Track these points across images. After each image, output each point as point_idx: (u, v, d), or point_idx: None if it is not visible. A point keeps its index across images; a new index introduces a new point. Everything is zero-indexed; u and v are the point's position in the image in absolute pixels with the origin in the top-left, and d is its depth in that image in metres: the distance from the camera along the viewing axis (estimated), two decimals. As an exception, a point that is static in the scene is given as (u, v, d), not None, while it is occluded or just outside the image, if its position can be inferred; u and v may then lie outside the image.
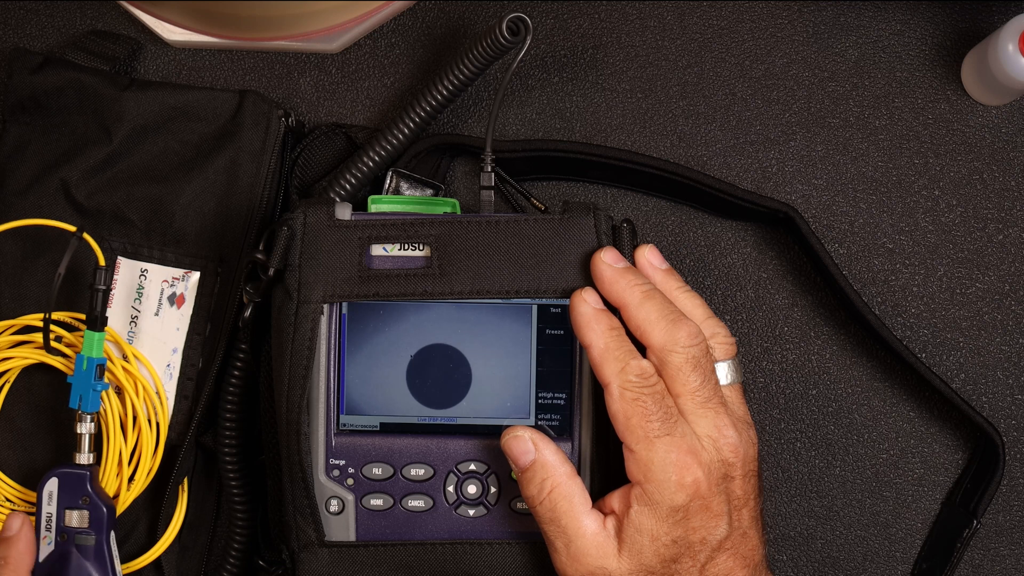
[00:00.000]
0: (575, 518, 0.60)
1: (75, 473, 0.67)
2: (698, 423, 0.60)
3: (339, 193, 0.72)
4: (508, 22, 0.67)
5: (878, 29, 0.76)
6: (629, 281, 0.62)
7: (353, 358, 0.65)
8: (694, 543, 0.60)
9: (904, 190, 0.76)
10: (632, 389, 0.59)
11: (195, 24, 0.76)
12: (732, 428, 0.61)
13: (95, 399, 0.67)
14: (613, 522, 0.61)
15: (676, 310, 0.61)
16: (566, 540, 0.61)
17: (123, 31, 0.77)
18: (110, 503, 0.67)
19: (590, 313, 0.61)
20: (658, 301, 0.61)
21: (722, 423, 0.61)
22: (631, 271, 0.62)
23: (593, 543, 0.60)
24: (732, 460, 0.61)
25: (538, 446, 0.61)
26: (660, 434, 0.59)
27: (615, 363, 0.60)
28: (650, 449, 0.59)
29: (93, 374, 0.67)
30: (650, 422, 0.59)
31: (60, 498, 0.66)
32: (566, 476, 0.61)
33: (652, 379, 0.60)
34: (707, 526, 0.60)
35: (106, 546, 0.66)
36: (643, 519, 0.59)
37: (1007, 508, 0.75)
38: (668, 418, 0.59)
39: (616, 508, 0.61)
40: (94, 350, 0.67)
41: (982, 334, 0.75)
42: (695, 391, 0.60)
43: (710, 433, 0.60)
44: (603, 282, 0.62)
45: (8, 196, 0.73)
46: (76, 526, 0.66)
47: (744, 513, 0.61)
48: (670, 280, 0.65)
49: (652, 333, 0.61)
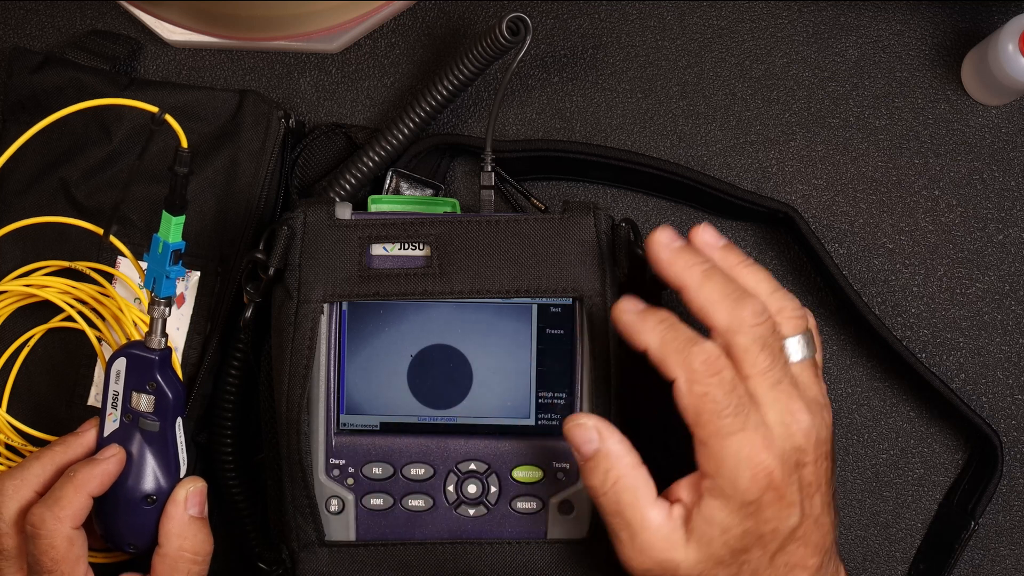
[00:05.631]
0: (640, 510, 0.58)
1: (143, 356, 0.64)
2: (769, 408, 0.57)
3: (339, 193, 0.72)
4: (508, 22, 0.68)
5: (878, 29, 0.76)
6: (687, 261, 0.59)
7: (353, 358, 0.65)
8: (765, 534, 0.57)
9: (904, 190, 0.76)
10: (700, 381, 0.56)
11: (195, 24, 0.76)
12: (805, 411, 0.57)
13: (169, 285, 0.65)
14: (680, 511, 0.58)
15: (739, 288, 0.58)
16: (631, 532, 0.58)
17: (123, 31, 0.77)
18: (179, 392, 0.65)
19: (635, 318, 0.58)
20: (719, 280, 0.58)
21: (795, 407, 0.57)
22: (688, 250, 0.59)
23: (659, 535, 0.57)
24: (804, 446, 0.57)
25: (602, 435, 0.59)
26: (733, 430, 0.56)
27: (677, 355, 0.57)
28: (722, 445, 0.56)
29: (168, 259, 0.64)
30: (721, 417, 0.56)
31: (128, 379, 0.65)
32: (631, 467, 0.58)
33: (720, 363, 0.56)
34: (779, 516, 0.57)
35: (170, 433, 0.65)
36: (714, 511, 0.57)
37: (1006, 509, 0.75)
38: (740, 411, 0.56)
39: (684, 498, 0.58)
40: (171, 234, 0.64)
41: (982, 334, 0.75)
42: (764, 373, 0.57)
43: (782, 419, 0.57)
44: (660, 264, 0.59)
45: (8, 196, 0.73)
46: (143, 409, 0.64)
47: (816, 499, 0.59)
48: (729, 256, 0.61)
49: (715, 314, 0.57)
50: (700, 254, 0.59)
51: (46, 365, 0.72)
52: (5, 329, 0.72)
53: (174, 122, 0.63)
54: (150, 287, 0.65)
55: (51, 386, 0.72)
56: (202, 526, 0.65)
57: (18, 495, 0.63)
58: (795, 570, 0.58)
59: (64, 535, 0.61)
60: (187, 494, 0.64)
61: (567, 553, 0.65)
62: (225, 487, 0.70)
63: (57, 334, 0.72)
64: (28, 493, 0.63)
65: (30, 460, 0.64)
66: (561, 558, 0.65)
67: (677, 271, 0.58)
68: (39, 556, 0.61)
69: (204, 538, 0.64)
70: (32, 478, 0.63)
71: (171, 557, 0.64)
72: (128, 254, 0.70)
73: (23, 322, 0.72)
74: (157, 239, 0.65)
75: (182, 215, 0.64)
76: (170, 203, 0.64)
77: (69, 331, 0.72)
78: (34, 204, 0.72)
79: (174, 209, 0.64)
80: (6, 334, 0.72)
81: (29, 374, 0.72)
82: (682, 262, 0.59)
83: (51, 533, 0.61)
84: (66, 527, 0.61)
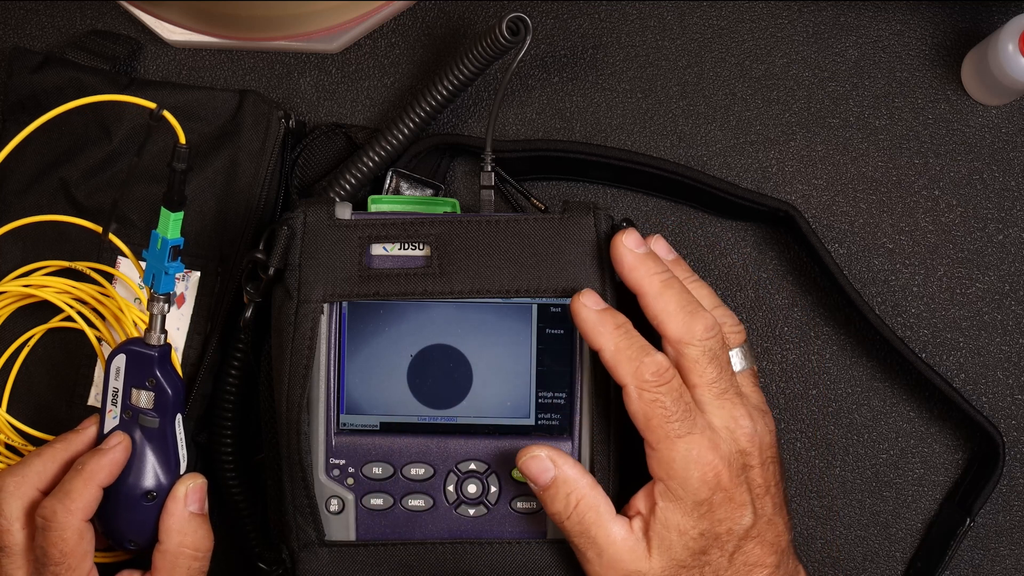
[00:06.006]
0: (604, 527, 0.61)
1: (143, 353, 0.65)
2: (715, 414, 0.61)
3: (339, 193, 0.72)
4: (508, 22, 0.68)
5: (878, 29, 0.76)
6: (649, 269, 0.62)
7: (353, 357, 0.65)
8: (721, 534, 0.60)
9: (904, 190, 0.76)
10: (650, 389, 0.60)
11: (195, 24, 0.76)
12: (748, 418, 0.61)
13: (168, 281, 0.65)
14: (640, 523, 0.61)
15: (694, 301, 0.62)
16: (597, 550, 0.61)
17: (123, 31, 0.77)
18: (178, 388, 0.65)
19: (594, 316, 0.61)
20: (676, 291, 0.61)
21: (738, 413, 0.61)
22: (651, 258, 0.62)
23: (624, 548, 0.60)
24: (749, 449, 0.61)
25: (556, 462, 0.62)
26: (681, 433, 0.59)
27: (629, 363, 0.60)
28: (671, 448, 0.59)
29: (167, 255, 0.65)
30: (670, 422, 0.59)
31: (127, 375, 0.65)
32: (589, 487, 0.61)
33: (668, 374, 0.60)
34: (732, 517, 0.60)
35: (170, 430, 0.65)
36: (669, 515, 0.60)
37: (1007, 508, 0.75)
38: (687, 416, 0.60)
39: (641, 508, 0.61)
40: (169, 230, 0.64)
41: (982, 334, 0.75)
42: (712, 383, 0.61)
43: (727, 424, 0.61)
44: (623, 267, 0.62)
45: (8, 196, 0.73)
46: (142, 406, 0.65)
47: (767, 501, 0.62)
48: (677, 270, 0.65)
49: (669, 324, 0.61)
50: (661, 263, 0.63)
51: (46, 365, 0.72)
52: (5, 329, 0.72)
53: (172, 118, 0.63)
54: (149, 283, 0.65)
55: (51, 386, 0.72)
56: (202, 522, 0.65)
57: (20, 491, 0.63)
58: (755, 569, 0.62)
59: (75, 527, 0.62)
60: (187, 490, 0.64)
61: (567, 553, 0.65)
62: (225, 487, 0.70)
63: (57, 334, 0.72)
64: (30, 490, 0.63)
65: (31, 457, 0.64)
66: (561, 558, 0.65)
67: (638, 276, 0.62)
68: (48, 548, 0.61)
69: (204, 534, 0.65)
70: (33, 475, 0.64)
71: (171, 553, 0.64)
72: (128, 253, 0.70)
73: (23, 322, 0.72)
74: (156, 235, 0.65)
75: (180, 211, 0.64)
76: (168, 199, 0.64)
77: (69, 331, 0.72)
78: (34, 204, 0.72)
79: (172, 205, 0.64)
80: (6, 334, 0.72)
81: (29, 374, 0.72)
82: (644, 269, 0.62)
83: (62, 525, 0.61)
84: (77, 519, 0.62)
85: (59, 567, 0.61)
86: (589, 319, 0.61)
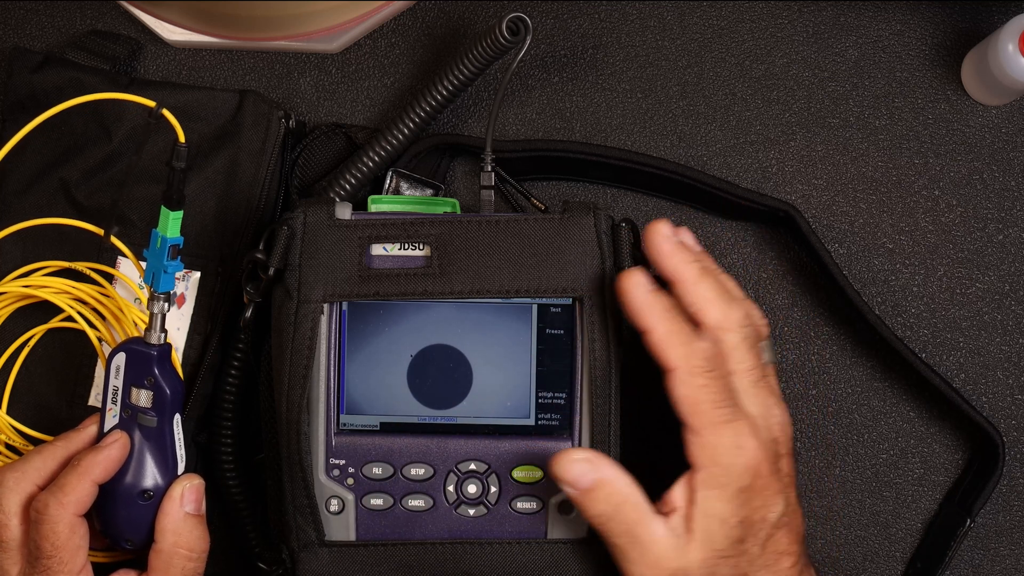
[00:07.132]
0: (647, 525, 0.60)
1: (142, 352, 0.65)
2: (752, 402, 0.61)
3: (339, 193, 0.72)
4: (508, 22, 0.68)
5: (878, 29, 0.76)
6: (686, 256, 0.62)
7: (353, 358, 0.65)
8: (756, 522, 0.60)
9: (904, 190, 0.76)
10: (700, 374, 0.59)
11: (195, 24, 0.76)
12: (779, 407, 0.62)
13: (167, 280, 0.65)
14: (679, 518, 0.60)
15: (729, 290, 0.62)
16: (642, 549, 0.60)
17: (123, 31, 0.77)
18: (177, 388, 0.65)
19: (646, 297, 0.61)
20: (713, 279, 0.62)
21: (771, 402, 0.62)
22: (685, 246, 0.62)
23: (668, 545, 0.60)
24: (781, 438, 0.62)
25: (596, 464, 0.60)
26: (729, 419, 0.59)
27: (681, 347, 0.59)
28: (717, 433, 0.59)
29: (166, 253, 0.64)
30: (718, 407, 0.59)
31: (127, 374, 0.65)
32: (630, 485, 0.61)
33: (717, 360, 0.60)
34: (768, 504, 0.60)
35: (168, 429, 0.65)
36: (712, 503, 0.59)
37: (1007, 508, 0.75)
38: (733, 402, 0.60)
39: (679, 502, 0.60)
40: (169, 229, 0.64)
41: (982, 334, 0.75)
42: (749, 370, 0.61)
43: (762, 412, 0.61)
44: (660, 254, 0.62)
45: (8, 196, 0.73)
46: (141, 405, 0.65)
47: (792, 490, 0.62)
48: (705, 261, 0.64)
49: (709, 311, 0.61)
50: (693, 252, 0.62)
51: (46, 365, 0.72)
52: (5, 329, 0.72)
53: (171, 116, 0.63)
54: (149, 282, 0.65)
55: (51, 386, 0.72)
56: (198, 523, 0.65)
57: (19, 487, 0.63)
58: (782, 557, 0.61)
59: (66, 521, 0.62)
60: (183, 490, 0.64)
61: (567, 553, 0.65)
62: (225, 487, 0.70)
63: (57, 334, 0.72)
64: (29, 486, 0.63)
65: (32, 453, 0.64)
66: (561, 558, 0.65)
67: (675, 263, 0.61)
68: (40, 541, 0.61)
69: (200, 535, 0.65)
70: (33, 471, 0.64)
71: (166, 553, 0.64)
72: (129, 254, 0.70)
73: (23, 322, 0.72)
74: (155, 234, 0.65)
75: (180, 210, 0.64)
76: (168, 198, 0.64)
77: (69, 331, 0.72)
78: (34, 204, 0.72)
79: (172, 204, 0.64)
80: (6, 334, 0.72)
81: (29, 374, 0.72)
82: (680, 256, 0.61)
83: (53, 519, 0.61)
84: (69, 513, 0.62)
85: (51, 560, 0.61)
86: (638, 298, 0.61)
